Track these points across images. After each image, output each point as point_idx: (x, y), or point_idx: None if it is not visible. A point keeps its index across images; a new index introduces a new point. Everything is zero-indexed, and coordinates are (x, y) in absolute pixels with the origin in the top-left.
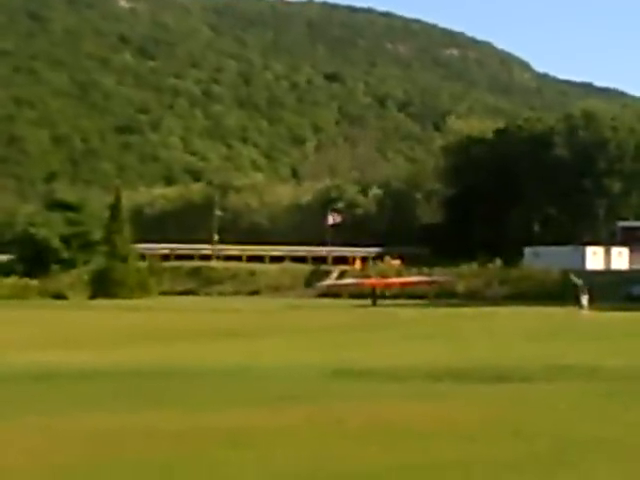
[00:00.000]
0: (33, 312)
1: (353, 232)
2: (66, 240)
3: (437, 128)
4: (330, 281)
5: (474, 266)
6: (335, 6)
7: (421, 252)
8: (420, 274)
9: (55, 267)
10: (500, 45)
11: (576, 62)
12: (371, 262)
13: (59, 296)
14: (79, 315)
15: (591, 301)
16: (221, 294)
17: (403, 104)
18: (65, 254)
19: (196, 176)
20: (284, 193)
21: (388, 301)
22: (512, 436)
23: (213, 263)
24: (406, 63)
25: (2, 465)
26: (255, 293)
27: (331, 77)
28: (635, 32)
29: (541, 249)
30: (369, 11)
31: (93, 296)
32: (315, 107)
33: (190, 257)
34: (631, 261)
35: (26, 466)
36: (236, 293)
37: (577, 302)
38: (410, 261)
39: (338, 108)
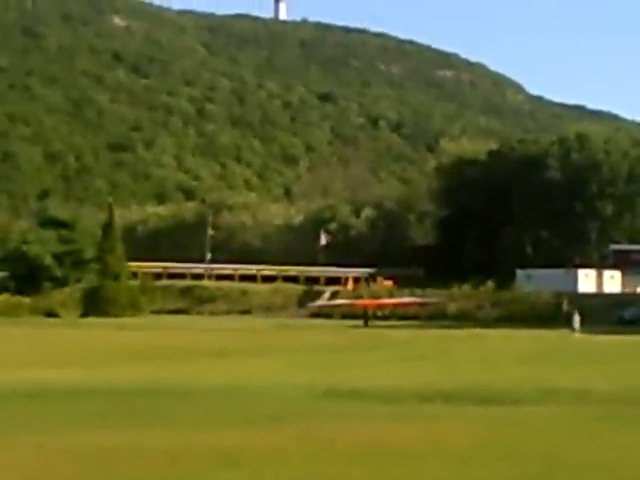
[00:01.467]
0: (25, 330)
1: (345, 252)
2: (58, 258)
3: (430, 149)
4: (322, 301)
5: (466, 288)
6: (329, 26)
7: (413, 273)
8: (412, 295)
9: (47, 285)
10: (494, 67)
11: (569, 85)
12: (363, 283)
13: (51, 314)
14: (71, 333)
15: (582, 324)
16: (213, 313)
17: (396, 125)
18: (57, 272)
19: (189, 194)
20: (277, 213)
21: (380, 322)
22: (503, 459)
23: (205, 282)
24: (399, 84)
25: None
26: (247, 312)
27: (324, 97)
28: (628, 55)
29: (533, 271)
30: (363, 32)
31: (85, 314)
32: (308, 127)
33: (182, 276)
34: (623, 284)
35: None
36: (228, 312)
37: (569, 325)
38: (402, 282)
39: (331, 128)
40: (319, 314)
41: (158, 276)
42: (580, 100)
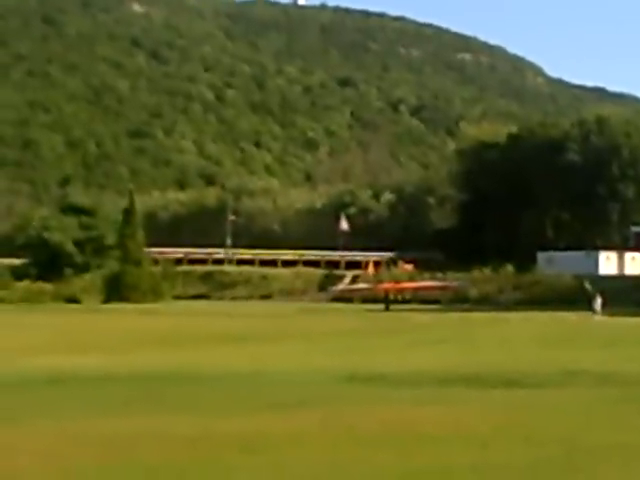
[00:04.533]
0: (46, 316)
1: (366, 237)
2: (80, 244)
3: (450, 133)
4: (343, 286)
5: (487, 271)
6: (348, 11)
7: (434, 257)
8: (433, 279)
9: (69, 271)
10: (513, 50)
11: (589, 67)
12: (384, 267)
13: (73, 300)
14: (92, 319)
15: (604, 306)
16: (234, 298)
17: (416, 109)
18: (79, 258)
19: (209, 180)
20: (297, 197)
21: (401, 306)
22: (524, 442)
23: (226, 267)
24: (419, 68)
25: (15, 469)
26: (268, 297)
27: (344, 82)
28: None
29: (554, 254)
30: (382, 16)
31: (106, 300)
32: (328, 111)
33: (203, 261)
34: None
35: (39, 470)
36: (249, 297)
37: (590, 307)
38: (423, 266)
39: (351, 113)
40: (340, 298)
41: (179, 262)
42: (600, 82)
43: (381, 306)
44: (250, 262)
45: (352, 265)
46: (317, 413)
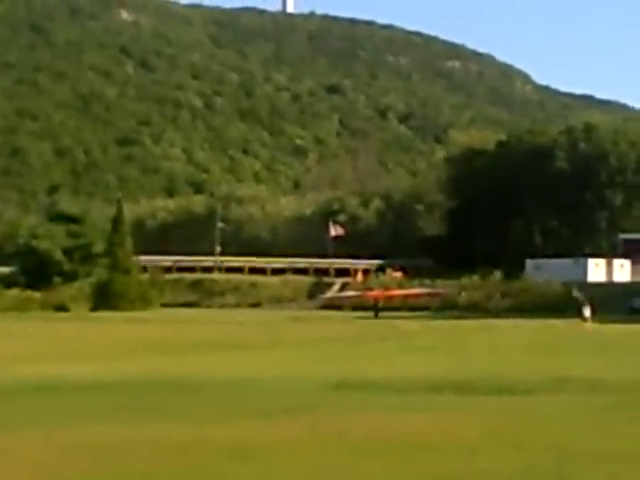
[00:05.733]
0: (35, 324)
1: (355, 244)
2: (68, 252)
3: (438, 140)
4: (332, 293)
5: (476, 278)
6: (336, 18)
7: (423, 264)
8: (422, 286)
9: (57, 279)
10: (501, 57)
11: (577, 75)
12: (373, 274)
13: (61, 308)
14: (81, 327)
15: (593, 313)
16: (223, 306)
17: (404, 116)
18: (67, 266)
19: (198, 188)
20: (286, 205)
21: (390, 313)
22: (514, 449)
23: (215, 275)
24: (407, 75)
25: (5, 478)
26: (257, 305)
27: (332, 89)
28: (637, 44)
29: (543, 261)
30: (370, 23)
31: (95, 308)
32: (316, 119)
33: (192, 269)
34: (633, 273)
35: (29, 479)
36: (238, 305)
37: (579, 314)
38: (412, 273)
39: (339, 120)
40: (329, 306)
41: (168, 269)
42: (588, 90)
43: (370, 313)
44: (239, 270)
45: (341, 273)
46: (306, 420)
